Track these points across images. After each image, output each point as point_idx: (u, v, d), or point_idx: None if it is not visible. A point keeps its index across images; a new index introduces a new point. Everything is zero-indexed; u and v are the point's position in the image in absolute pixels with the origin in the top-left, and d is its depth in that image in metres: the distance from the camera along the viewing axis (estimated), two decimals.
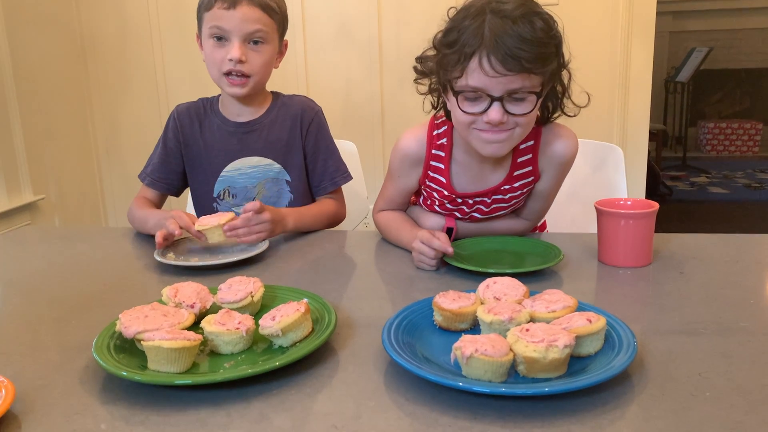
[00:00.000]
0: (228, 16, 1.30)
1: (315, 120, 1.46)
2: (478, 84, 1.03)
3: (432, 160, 1.23)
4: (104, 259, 1.23)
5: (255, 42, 1.34)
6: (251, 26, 1.32)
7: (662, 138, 5.42)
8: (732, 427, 0.61)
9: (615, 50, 2.82)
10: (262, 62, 1.36)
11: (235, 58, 1.32)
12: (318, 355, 0.78)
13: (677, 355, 0.76)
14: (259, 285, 0.90)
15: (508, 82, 1.02)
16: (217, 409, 0.67)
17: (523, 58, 0.99)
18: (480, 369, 0.67)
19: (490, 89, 1.03)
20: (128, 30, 3.03)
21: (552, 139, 1.19)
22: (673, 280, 1.02)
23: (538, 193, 1.26)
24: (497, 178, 1.22)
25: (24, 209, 2.67)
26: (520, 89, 1.03)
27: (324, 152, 1.46)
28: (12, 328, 0.91)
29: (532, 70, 1.01)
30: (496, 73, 1.00)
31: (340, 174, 1.47)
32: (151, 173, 1.47)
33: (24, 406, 0.68)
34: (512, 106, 1.05)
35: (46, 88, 2.82)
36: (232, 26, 1.31)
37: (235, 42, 1.32)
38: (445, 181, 1.23)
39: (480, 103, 1.05)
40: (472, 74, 1.03)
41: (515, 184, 1.22)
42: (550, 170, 1.22)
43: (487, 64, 1.00)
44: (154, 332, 0.73)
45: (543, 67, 1.03)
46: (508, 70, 1.00)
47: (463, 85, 1.05)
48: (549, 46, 1.04)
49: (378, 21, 2.87)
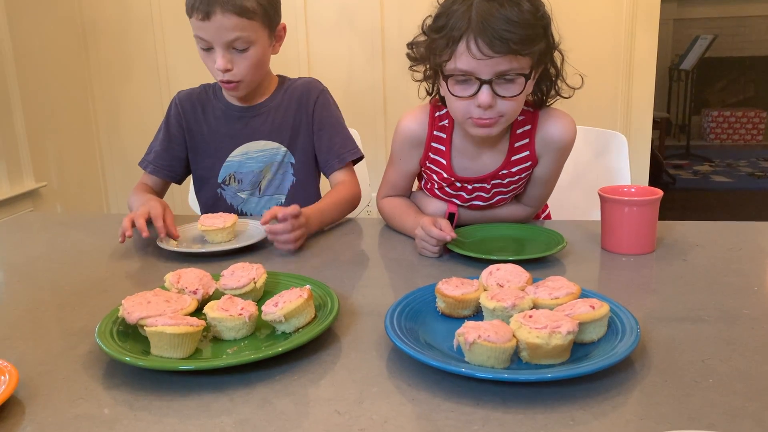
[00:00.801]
0: (205, 27, 1.27)
1: (320, 98, 1.44)
2: (466, 67, 1.04)
3: (433, 141, 1.23)
4: (106, 246, 1.23)
5: (240, 50, 1.30)
6: (229, 35, 1.27)
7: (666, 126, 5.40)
8: (735, 413, 0.61)
9: (619, 37, 2.80)
10: (249, 65, 1.32)
11: (220, 68, 1.30)
12: (321, 341, 0.78)
13: (680, 342, 0.76)
14: (261, 271, 0.90)
15: (496, 65, 1.03)
16: (220, 395, 0.67)
17: (510, 39, 1.00)
18: (483, 355, 0.67)
19: (478, 72, 1.04)
20: (129, 17, 3.01)
21: (548, 123, 1.19)
22: (676, 267, 1.02)
23: (537, 178, 1.26)
24: (495, 163, 1.22)
25: (26, 196, 2.67)
26: (508, 71, 1.04)
27: (329, 129, 1.43)
28: (15, 313, 0.91)
29: (519, 52, 1.02)
30: (483, 56, 1.02)
31: (347, 150, 1.43)
32: (153, 161, 1.45)
33: (27, 391, 0.68)
34: (501, 88, 1.06)
35: (48, 76, 2.81)
36: (210, 36, 1.28)
37: (218, 51, 1.29)
38: (446, 163, 1.23)
39: (469, 86, 1.06)
40: (460, 57, 1.04)
41: (513, 169, 1.22)
42: (548, 155, 1.21)
43: (475, 46, 1.01)
44: (157, 318, 0.73)
45: (530, 48, 1.04)
46: (496, 53, 1.01)
47: (452, 68, 1.06)
48: (536, 28, 1.04)
49: (380, 7, 2.85)
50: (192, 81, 1.55)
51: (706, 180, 5.09)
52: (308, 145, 1.44)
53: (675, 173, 5.19)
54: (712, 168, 5.47)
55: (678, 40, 6.56)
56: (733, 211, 4.24)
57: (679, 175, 5.18)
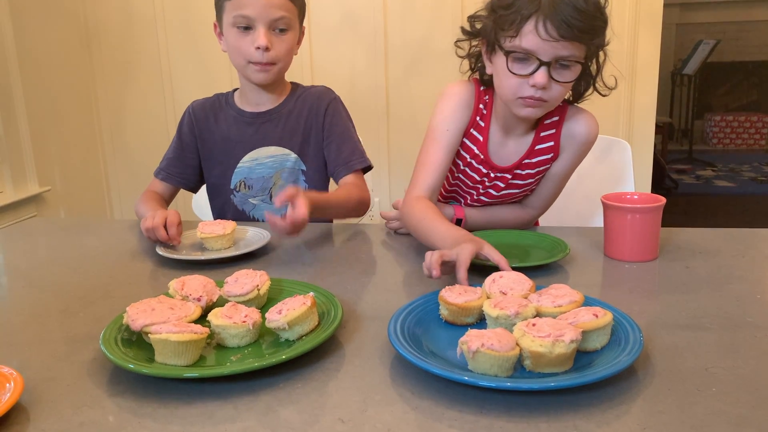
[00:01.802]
0: (252, 3, 1.30)
1: (330, 106, 1.45)
2: (530, 46, 1.07)
3: (477, 115, 1.25)
4: (110, 251, 1.24)
5: (280, 30, 1.34)
6: (276, 13, 1.31)
7: (668, 131, 5.40)
8: (738, 422, 0.61)
9: (622, 42, 2.80)
10: (286, 49, 1.36)
11: (262, 46, 1.31)
12: (324, 349, 0.78)
13: (683, 350, 0.76)
14: (265, 278, 0.91)
15: (557, 48, 1.06)
16: (224, 402, 0.67)
17: (577, 27, 1.04)
18: (486, 363, 0.67)
19: (540, 53, 1.07)
20: (133, 20, 3.02)
21: (575, 119, 1.23)
22: (680, 274, 1.02)
23: (551, 174, 1.28)
24: (519, 152, 1.25)
25: (30, 201, 2.68)
26: (567, 57, 1.08)
27: (338, 138, 1.44)
28: (19, 319, 0.92)
29: (582, 39, 1.06)
30: (549, 38, 1.05)
31: (355, 158, 1.43)
32: (165, 168, 1.47)
33: (32, 398, 0.69)
34: (557, 72, 1.09)
35: (51, 79, 2.82)
36: (257, 13, 1.30)
37: (261, 29, 1.31)
38: (482, 140, 1.24)
39: (528, 65, 1.09)
40: (526, 36, 1.07)
41: (534, 159, 1.25)
42: (569, 150, 1.24)
43: (542, 27, 1.04)
44: (161, 325, 0.73)
45: (592, 39, 1.08)
46: (561, 36, 1.04)
47: (515, 45, 1.08)
48: (599, 20, 1.08)
49: (383, 11, 2.86)
50: (195, 85, 1.56)
51: (708, 185, 5.09)
52: (319, 153, 1.45)
53: (678, 178, 5.19)
54: (714, 173, 5.47)
55: (681, 45, 6.56)
56: (735, 216, 4.23)
57: (681, 180, 5.18)
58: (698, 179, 5.26)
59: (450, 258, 0.94)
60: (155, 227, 1.18)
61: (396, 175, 2.94)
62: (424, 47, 2.85)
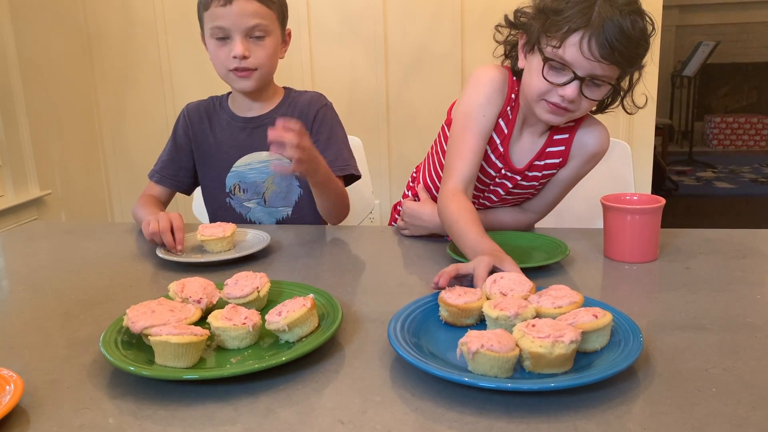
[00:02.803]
0: (225, 13, 1.29)
1: (320, 113, 1.44)
2: (570, 59, 1.07)
3: (508, 105, 1.22)
4: (111, 255, 1.24)
5: (258, 37, 1.33)
6: (250, 21, 1.30)
7: (668, 133, 5.40)
8: (738, 422, 0.61)
9: None
10: (266, 55, 1.35)
11: (238, 55, 1.31)
12: (324, 351, 0.78)
13: (683, 351, 0.76)
14: (265, 280, 0.91)
15: (595, 67, 1.07)
16: (224, 404, 0.67)
17: (618, 51, 1.04)
18: (486, 364, 0.67)
19: (577, 67, 1.07)
20: (134, 24, 3.03)
21: (589, 129, 1.24)
22: (680, 275, 1.02)
23: (557, 181, 1.28)
24: (532, 153, 1.24)
25: (31, 204, 2.68)
26: (602, 76, 1.09)
27: (323, 143, 1.41)
28: (20, 322, 0.92)
29: (620, 64, 1.07)
30: (591, 56, 1.05)
31: (336, 166, 1.38)
32: (159, 170, 1.47)
33: (32, 401, 0.69)
34: (588, 89, 1.10)
35: (52, 83, 2.83)
36: (230, 23, 1.30)
37: (237, 39, 1.31)
38: (507, 132, 1.23)
39: (562, 75, 1.09)
40: (569, 48, 1.06)
41: (543, 162, 1.25)
42: (578, 158, 1.25)
43: (586, 45, 1.04)
44: (161, 327, 0.73)
45: (631, 66, 1.10)
46: (602, 57, 1.05)
47: (556, 54, 1.08)
48: (642, 48, 1.08)
49: (384, 15, 2.86)
50: (196, 88, 1.56)
51: (708, 186, 5.09)
52: None
53: (678, 179, 5.19)
54: (714, 174, 5.47)
55: (680, 47, 6.57)
56: (735, 217, 4.23)
57: (681, 182, 5.18)
58: (698, 181, 5.26)
59: (467, 272, 0.93)
60: (162, 231, 1.18)
61: (396, 178, 2.94)
62: (424, 50, 2.85)
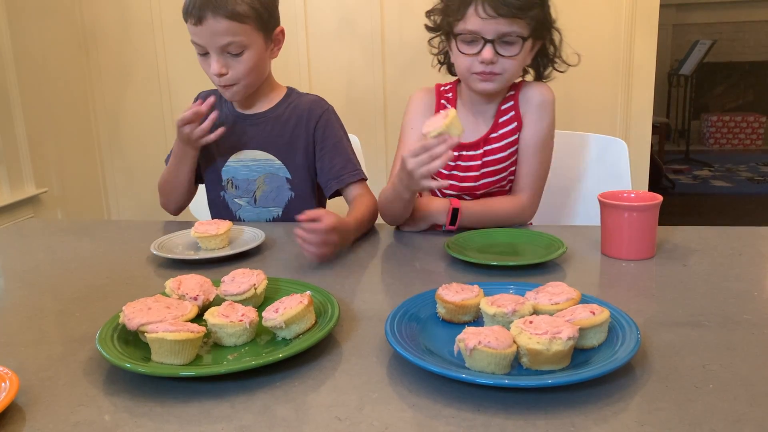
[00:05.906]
0: (199, 32, 1.27)
1: (323, 118, 1.42)
2: (474, 27, 1.23)
3: (441, 109, 1.38)
4: (107, 252, 1.23)
5: (234, 54, 1.30)
6: (221, 39, 1.27)
7: (665, 131, 5.41)
8: (735, 419, 0.61)
9: (618, 43, 2.81)
10: (245, 69, 1.32)
11: (215, 73, 1.30)
12: (321, 348, 0.78)
13: (681, 348, 0.76)
14: (262, 277, 0.90)
15: (499, 26, 1.22)
16: (221, 401, 0.67)
17: (511, 4, 1.20)
18: (483, 361, 0.67)
19: (483, 32, 1.23)
20: (130, 22, 3.02)
21: (528, 87, 1.37)
22: (677, 272, 1.02)
23: (524, 147, 1.36)
24: (485, 127, 1.37)
25: (27, 202, 2.67)
26: (509, 33, 1.23)
27: (330, 150, 1.41)
28: (16, 320, 0.91)
29: (518, 15, 1.21)
30: (488, 16, 1.21)
31: (347, 171, 1.40)
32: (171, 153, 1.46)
33: (28, 398, 0.68)
34: (502, 48, 1.25)
35: (48, 81, 2.82)
36: (205, 41, 1.28)
37: (213, 57, 1.29)
38: None
39: (475, 45, 1.26)
40: (469, 19, 1.23)
41: (499, 132, 1.36)
42: (529, 114, 1.35)
43: (482, 9, 1.21)
44: (158, 324, 0.73)
45: (528, 13, 1.23)
46: (499, 14, 1.20)
47: (462, 28, 1.25)
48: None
49: (380, 13, 2.86)
50: (192, 86, 1.55)
51: (705, 185, 5.09)
52: (307, 162, 1.43)
53: (674, 178, 5.20)
54: (711, 173, 5.48)
55: (677, 45, 6.57)
56: (732, 216, 4.24)
57: (678, 180, 5.19)
58: (695, 179, 5.27)
59: None
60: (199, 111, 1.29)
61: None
62: (421, 49, 2.83)
